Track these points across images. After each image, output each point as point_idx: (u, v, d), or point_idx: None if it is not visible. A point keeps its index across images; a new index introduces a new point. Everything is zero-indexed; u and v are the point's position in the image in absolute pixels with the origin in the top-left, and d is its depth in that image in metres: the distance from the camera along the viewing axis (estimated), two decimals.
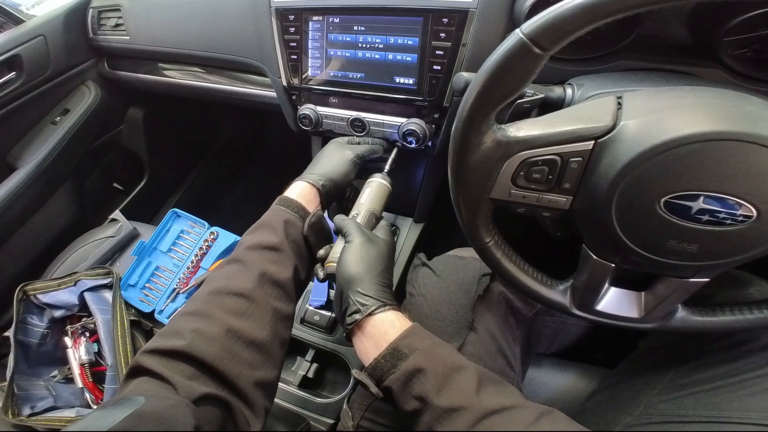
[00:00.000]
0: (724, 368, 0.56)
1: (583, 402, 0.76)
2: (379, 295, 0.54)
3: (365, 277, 0.55)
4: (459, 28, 0.65)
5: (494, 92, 0.39)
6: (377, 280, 0.56)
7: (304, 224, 0.61)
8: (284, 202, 0.62)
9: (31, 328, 0.94)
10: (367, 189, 0.72)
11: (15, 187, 1.04)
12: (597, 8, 0.33)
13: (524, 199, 0.45)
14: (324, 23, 0.75)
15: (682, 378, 0.60)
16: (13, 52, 0.99)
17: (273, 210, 0.62)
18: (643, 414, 0.61)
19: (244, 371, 0.47)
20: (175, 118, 1.47)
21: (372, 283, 0.55)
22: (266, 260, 0.55)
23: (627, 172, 0.39)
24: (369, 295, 0.54)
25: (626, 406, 0.63)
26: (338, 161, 0.70)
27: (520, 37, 0.36)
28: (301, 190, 0.66)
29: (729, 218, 0.38)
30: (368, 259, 0.57)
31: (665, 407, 0.59)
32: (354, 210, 0.68)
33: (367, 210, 0.68)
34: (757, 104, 0.39)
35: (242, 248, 0.57)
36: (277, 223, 0.59)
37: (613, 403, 0.67)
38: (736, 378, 0.55)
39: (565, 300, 0.54)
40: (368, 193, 0.71)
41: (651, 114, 0.39)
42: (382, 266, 0.57)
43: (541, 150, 0.42)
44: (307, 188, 0.66)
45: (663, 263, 0.44)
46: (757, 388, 0.53)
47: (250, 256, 0.55)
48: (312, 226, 0.61)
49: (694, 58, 0.55)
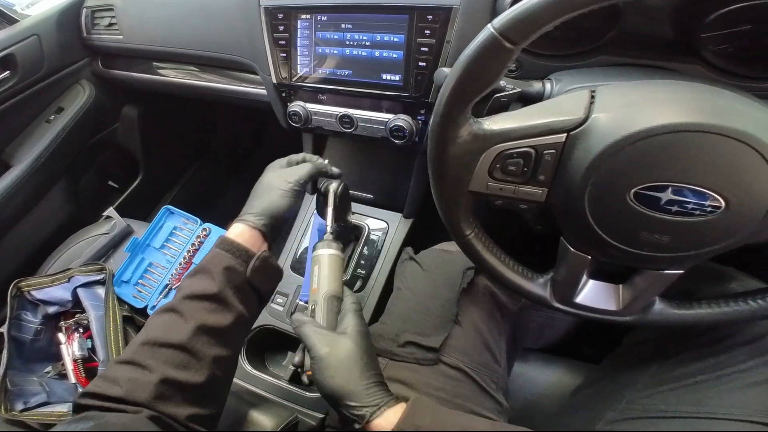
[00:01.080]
0: (706, 363, 0.57)
1: (569, 397, 0.77)
2: (370, 399, 0.50)
3: (347, 387, 0.51)
4: (443, 25, 0.66)
5: (469, 86, 0.40)
6: (361, 382, 0.51)
7: (247, 269, 0.56)
8: (225, 246, 0.57)
9: (25, 324, 0.94)
10: (316, 268, 0.62)
11: (10, 185, 1.04)
12: (562, 3, 0.33)
13: (501, 192, 0.46)
14: (312, 21, 0.76)
15: (665, 373, 0.60)
16: (7, 51, 0.99)
17: (213, 254, 0.57)
18: (626, 409, 0.61)
19: (180, 410, 0.47)
20: (170, 116, 1.48)
21: (358, 389, 0.51)
22: (204, 310, 0.52)
23: (598, 163, 0.40)
24: (360, 405, 0.50)
25: (610, 401, 0.64)
26: (278, 195, 0.62)
27: (491, 32, 0.37)
28: (241, 232, 0.59)
29: (698, 209, 0.39)
30: (342, 367, 0.52)
31: (648, 402, 0.60)
32: (310, 302, 0.61)
33: (325, 296, 0.60)
34: (727, 97, 0.40)
35: (180, 296, 0.54)
36: (217, 270, 0.54)
37: (597, 398, 0.68)
38: (718, 373, 0.55)
39: (546, 293, 0.55)
40: (319, 274, 0.62)
41: (622, 107, 0.40)
42: (361, 362, 0.52)
43: (516, 143, 0.43)
44: (247, 231, 0.59)
45: (637, 255, 0.44)
46: (738, 384, 0.53)
47: (187, 306, 0.53)
48: (255, 270, 0.57)
49: (675, 53, 0.56)
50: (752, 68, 0.53)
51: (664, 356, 0.62)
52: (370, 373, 0.52)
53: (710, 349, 0.57)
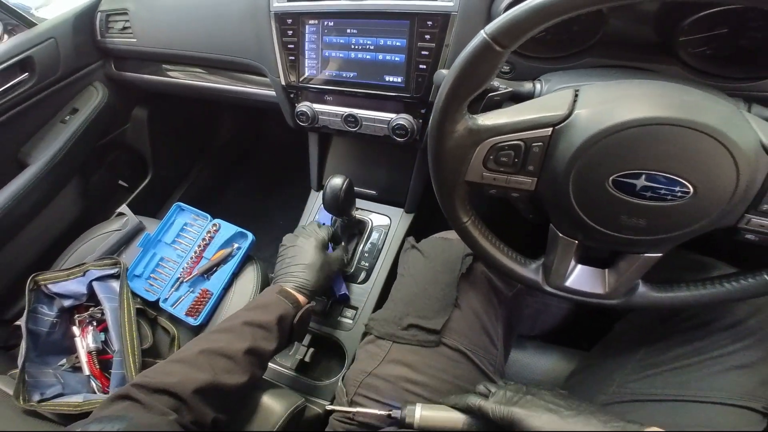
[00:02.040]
0: (689, 348, 0.60)
1: (563, 382, 0.81)
2: None
3: None
4: (442, 30, 0.70)
5: (464, 85, 0.45)
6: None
7: (296, 316, 0.71)
8: (284, 294, 0.72)
9: (41, 318, 0.97)
10: None
11: (26, 183, 1.08)
12: (546, 10, 0.38)
13: (495, 181, 0.51)
14: (319, 26, 0.81)
15: (651, 357, 0.64)
16: (26, 54, 1.04)
17: (273, 299, 0.72)
18: (616, 393, 0.64)
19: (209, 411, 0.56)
20: (178, 117, 1.52)
21: None
22: (258, 337, 0.65)
23: (580, 154, 0.44)
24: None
25: (601, 386, 0.67)
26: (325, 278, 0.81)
27: (483, 37, 0.41)
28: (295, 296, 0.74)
29: (669, 194, 0.44)
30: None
31: (636, 386, 0.63)
32: None
33: None
34: (694, 94, 0.45)
35: (238, 322, 0.66)
36: (274, 311, 0.68)
37: (589, 382, 0.71)
38: (700, 357, 0.59)
39: (538, 277, 0.59)
40: None
41: (601, 104, 0.45)
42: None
43: (507, 136, 0.47)
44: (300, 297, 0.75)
45: (618, 238, 0.49)
46: (720, 367, 0.57)
47: (245, 330, 0.65)
48: (302, 318, 0.72)
49: (656, 55, 0.60)
50: (727, 69, 0.58)
51: (650, 342, 0.65)
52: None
53: (693, 334, 0.61)
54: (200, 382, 0.55)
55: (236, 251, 1.01)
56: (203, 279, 1.01)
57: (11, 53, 1.03)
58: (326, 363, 0.95)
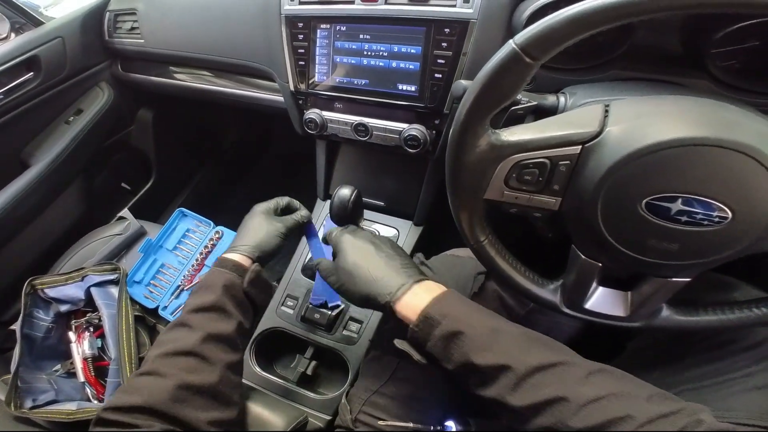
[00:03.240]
0: (708, 368, 0.58)
1: None
2: (397, 279, 0.55)
3: (374, 276, 0.57)
4: (460, 38, 0.68)
5: (489, 98, 0.42)
6: (387, 268, 0.57)
7: (244, 281, 0.64)
8: (222, 264, 0.65)
9: (37, 322, 0.95)
10: None
11: (27, 184, 1.07)
12: (583, 20, 0.35)
13: (516, 200, 0.48)
14: (331, 31, 0.78)
15: (668, 377, 0.61)
16: (32, 53, 1.02)
17: (212, 272, 0.65)
18: None
19: (198, 414, 0.51)
20: (183, 120, 1.50)
21: (384, 275, 0.56)
22: (209, 320, 0.59)
23: (611, 174, 0.42)
24: (387, 292, 0.55)
25: None
26: (268, 235, 0.70)
27: (512, 48, 0.39)
28: (236, 259, 0.67)
29: (706, 219, 0.41)
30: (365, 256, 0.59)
31: None
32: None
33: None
34: (733, 112, 0.42)
35: (186, 311, 0.61)
36: (217, 285, 0.61)
37: None
38: (720, 378, 0.56)
39: (556, 298, 0.56)
40: None
41: (634, 120, 0.42)
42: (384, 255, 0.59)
43: (532, 153, 0.44)
44: (240, 258, 0.67)
45: (646, 262, 0.46)
46: (740, 387, 0.54)
47: (194, 318, 0.59)
48: (251, 281, 0.64)
49: (683, 68, 0.58)
50: (758, 83, 0.55)
51: (667, 362, 0.63)
52: (395, 262, 0.58)
53: (712, 355, 0.58)
54: (169, 390, 0.51)
55: None
56: None
57: (17, 52, 1.02)
58: (330, 375, 0.93)
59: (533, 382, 0.44)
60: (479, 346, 0.47)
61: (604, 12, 0.35)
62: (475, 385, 0.48)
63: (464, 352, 0.48)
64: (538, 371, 0.44)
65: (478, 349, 0.47)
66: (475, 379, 0.48)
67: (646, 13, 0.34)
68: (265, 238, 0.70)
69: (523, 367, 0.45)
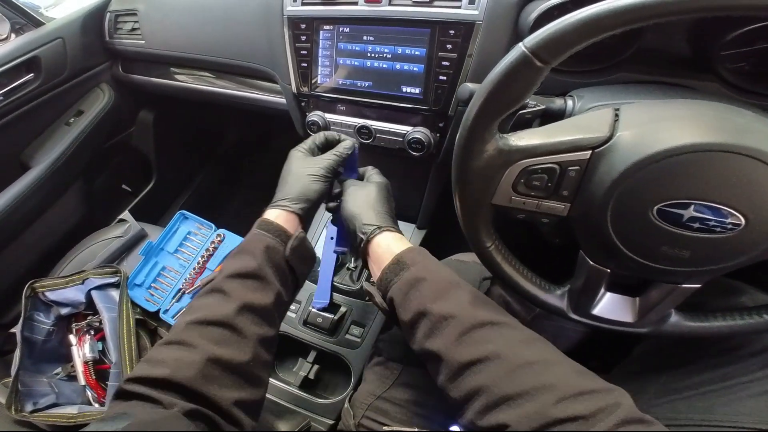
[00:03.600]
0: (716, 373, 0.57)
1: None
2: (377, 221, 0.62)
3: (361, 211, 0.64)
4: (465, 40, 0.67)
5: (497, 102, 0.42)
6: (374, 210, 0.64)
7: (286, 248, 0.60)
8: (264, 226, 0.60)
9: (38, 325, 0.95)
10: None
11: (27, 186, 1.06)
12: (595, 24, 0.35)
13: (524, 206, 0.47)
14: (334, 32, 0.78)
15: (675, 382, 0.61)
16: (33, 53, 1.02)
17: (253, 234, 0.60)
18: None
19: (225, 393, 0.47)
20: (184, 121, 1.50)
21: (370, 214, 0.63)
22: (247, 288, 0.54)
23: (622, 180, 0.41)
24: (368, 224, 0.62)
25: None
26: (310, 180, 0.66)
27: (522, 51, 0.38)
28: (277, 216, 0.63)
29: (719, 226, 0.40)
30: (360, 198, 0.67)
31: (657, 411, 0.60)
32: None
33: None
34: (746, 116, 0.41)
35: (222, 276, 0.56)
36: (258, 249, 0.57)
37: None
38: (728, 382, 0.56)
39: (563, 304, 0.56)
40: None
41: (645, 125, 0.41)
42: (374, 199, 0.66)
43: (540, 158, 0.44)
44: (284, 215, 0.63)
45: (656, 269, 0.45)
46: (748, 392, 0.54)
47: (230, 285, 0.54)
48: (294, 249, 0.60)
49: (693, 71, 0.57)
50: None
51: (674, 366, 0.63)
52: (383, 207, 0.66)
53: (719, 360, 0.58)
54: (197, 364, 0.47)
55: None
56: None
57: (17, 53, 1.01)
58: (332, 379, 0.92)
59: (476, 337, 0.47)
60: (436, 294, 0.51)
61: (617, 15, 0.34)
62: (423, 335, 0.50)
63: (422, 298, 0.51)
64: (483, 326, 0.47)
65: (434, 296, 0.51)
66: (425, 328, 0.50)
67: (660, 16, 0.33)
68: (307, 184, 0.66)
69: (470, 320, 0.48)
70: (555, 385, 0.41)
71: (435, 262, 0.56)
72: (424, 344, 0.50)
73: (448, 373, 0.48)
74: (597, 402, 0.40)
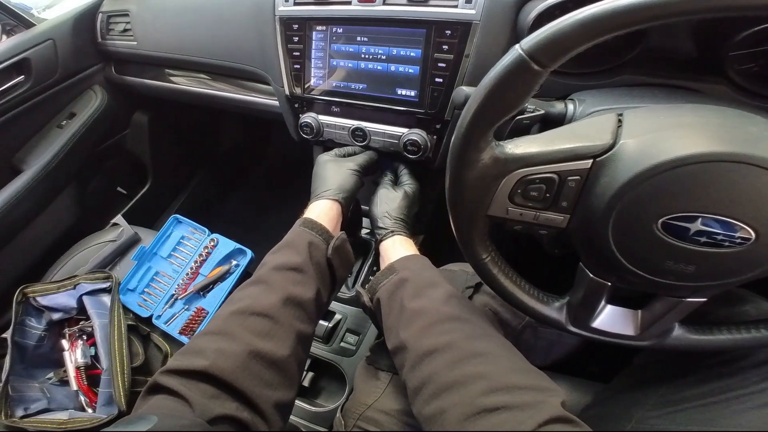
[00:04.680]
0: (716, 384, 0.56)
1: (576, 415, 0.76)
2: (390, 225, 0.69)
3: (381, 214, 0.71)
4: (462, 41, 0.65)
5: (493, 108, 0.39)
6: (392, 215, 0.71)
7: (328, 247, 0.61)
8: (308, 225, 0.63)
9: (29, 330, 0.94)
10: None
11: (19, 190, 1.04)
12: (596, 25, 0.32)
13: (521, 217, 0.45)
14: (327, 33, 0.75)
15: (675, 394, 0.60)
16: (23, 55, 1.00)
17: (297, 232, 0.62)
18: (635, 429, 0.60)
19: (265, 392, 0.46)
20: (179, 123, 1.48)
21: (387, 218, 0.70)
22: (290, 282, 0.55)
23: (625, 192, 0.38)
24: (382, 227, 0.70)
25: (618, 421, 0.63)
26: (346, 174, 0.72)
27: (519, 54, 0.35)
28: (322, 208, 0.67)
29: (727, 240, 0.38)
30: (386, 202, 0.73)
31: (657, 422, 0.59)
32: None
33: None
34: (759, 124, 0.39)
35: (266, 269, 0.57)
36: (302, 245, 0.59)
37: (606, 417, 0.67)
38: (728, 394, 0.54)
39: (561, 317, 0.53)
40: None
41: (650, 133, 0.39)
42: (396, 205, 0.72)
43: (538, 168, 0.41)
44: (329, 205, 0.67)
45: (660, 283, 0.43)
46: (749, 405, 0.53)
47: (274, 277, 0.55)
48: (336, 249, 0.62)
49: (699, 73, 0.55)
50: None
51: (674, 377, 0.61)
52: (401, 213, 0.72)
53: (720, 371, 0.57)
54: (238, 356, 0.46)
55: (234, 268, 0.97)
56: (199, 296, 0.97)
57: (7, 54, 1.00)
58: (326, 387, 0.90)
59: (439, 329, 0.49)
60: (415, 292, 0.55)
61: (620, 16, 0.31)
62: (398, 329, 0.53)
63: (403, 296, 0.55)
64: (447, 321, 0.50)
65: (413, 294, 0.54)
66: (400, 322, 0.53)
67: (666, 17, 0.31)
68: (346, 178, 0.72)
69: (437, 315, 0.51)
70: (490, 376, 0.43)
71: (423, 267, 0.60)
72: (398, 337, 0.52)
73: (410, 362, 0.50)
74: (525, 397, 0.41)
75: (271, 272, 0.56)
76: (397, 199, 0.73)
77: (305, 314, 0.55)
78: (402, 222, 0.70)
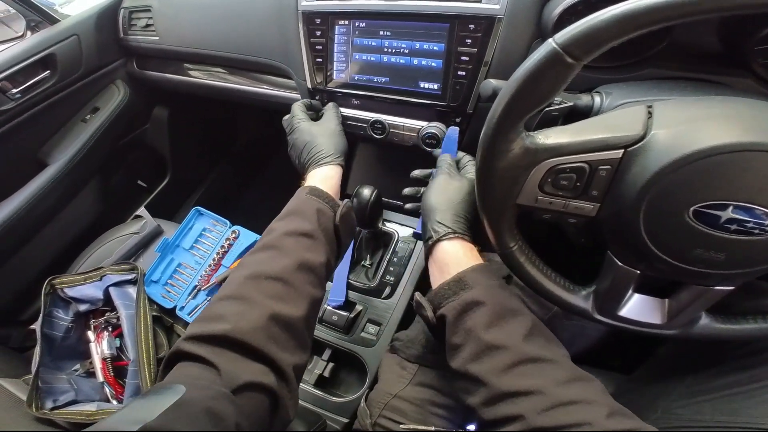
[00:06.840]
0: (742, 375, 0.57)
1: None
2: (452, 224, 0.59)
3: (441, 207, 0.60)
4: (485, 35, 0.65)
5: (525, 100, 0.40)
6: (454, 211, 0.60)
7: (336, 215, 0.62)
8: (315, 193, 0.63)
9: (57, 322, 0.95)
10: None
11: (45, 183, 1.07)
12: (631, 20, 0.33)
13: (551, 206, 0.46)
14: (350, 27, 0.76)
15: (700, 384, 0.60)
16: (48, 51, 1.02)
17: (304, 200, 0.62)
18: (660, 419, 0.61)
19: (285, 355, 0.47)
20: (199, 117, 1.50)
21: (447, 213, 0.60)
22: (302, 247, 0.55)
23: (656, 181, 0.39)
24: (442, 223, 0.59)
25: (643, 412, 0.63)
26: (337, 137, 0.75)
27: (553, 47, 0.36)
28: (326, 174, 0.67)
29: (757, 228, 0.38)
30: (447, 192, 0.62)
31: (682, 413, 0.59)
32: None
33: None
34: None
35: (276, 234, 0.57)
36: (310, 212, 0.59)
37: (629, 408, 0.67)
38: (755, 385, 0.55)
39: (587, 305, 0.54)
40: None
41: (681, 124, 0.39)
42: (460, 198, 0.61)
43: (569, 158, 0.42)
44: (332, 171, 0.68)
45: (689, 271, 0.44)
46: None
47: (286, 242, 0.55)
48: (343, 216, 0.62)
49: (725, 67, 0.55)
50: None
51: (699, 368, 0.62)
52: (464, 210, 0.60)
53: (747, 361, 0.57)
54: (259, 320, 0.46)
55: None
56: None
57: (33, 50, 1.01)
58: (347, 377, 0.92)
59: (522, 370, 0.46)
60: (490, 320, 0.49)
61: (656, 12, 0.32)
62: (469, 357, 0.49)
63: (476, 322, 0.49)
64: (530, 362, 0.46)
65: (488, 323, 0.49)
66: (471, 351, 0.49)
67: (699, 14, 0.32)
68: (338, 140, 0.73)
69: (519, 355, 0.46)
70: (590, 423, 0.41)
71: (497, 285, 0.54)
72: (466, 366, 0.49)
73: (487, 397, 0.47)
74: None
75: (283, 237, 0.56)
76: (462, 191, 0.62)
77: (317, 279, 0.55)
78: (464, 221, 0.60)
